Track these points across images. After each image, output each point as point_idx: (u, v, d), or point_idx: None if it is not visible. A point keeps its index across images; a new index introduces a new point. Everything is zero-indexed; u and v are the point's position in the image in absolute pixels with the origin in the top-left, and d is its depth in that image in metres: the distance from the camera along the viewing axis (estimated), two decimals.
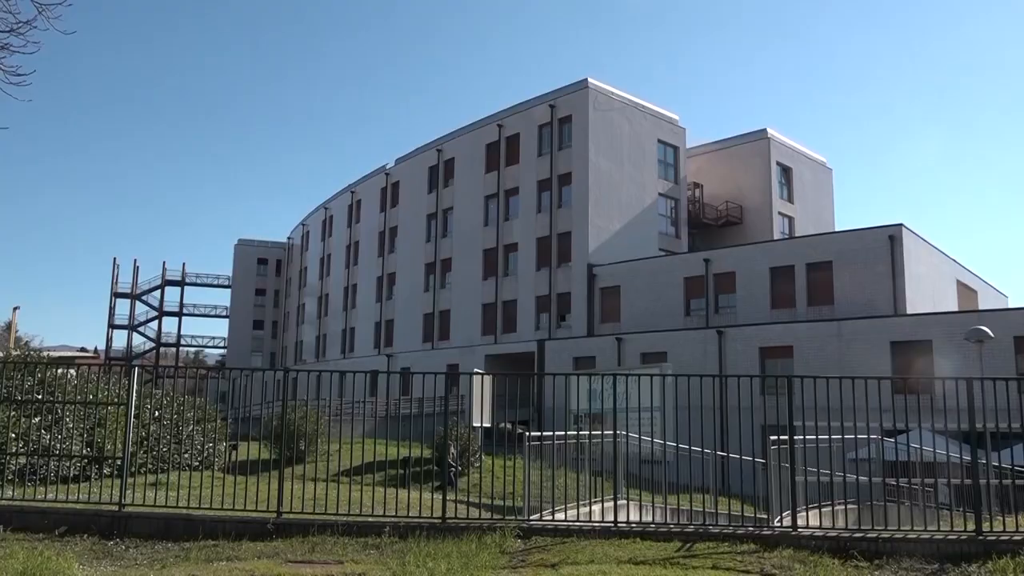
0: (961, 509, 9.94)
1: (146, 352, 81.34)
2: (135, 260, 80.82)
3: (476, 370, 19.02)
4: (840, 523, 12.78)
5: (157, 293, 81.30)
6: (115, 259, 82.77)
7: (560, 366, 38.54)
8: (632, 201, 45.77)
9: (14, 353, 15.97)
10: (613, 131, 45.64)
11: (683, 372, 14.07)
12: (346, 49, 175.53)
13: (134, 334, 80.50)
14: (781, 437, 10.36)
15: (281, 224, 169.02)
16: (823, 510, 12.92)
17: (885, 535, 9.16)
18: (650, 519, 12.25)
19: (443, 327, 51.40)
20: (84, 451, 12.95)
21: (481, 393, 15.88)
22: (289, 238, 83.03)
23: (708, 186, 52.49)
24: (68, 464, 12.61)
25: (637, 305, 41.07)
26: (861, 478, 13.30)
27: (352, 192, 65.02)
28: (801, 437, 10.24)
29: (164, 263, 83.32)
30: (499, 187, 49.01)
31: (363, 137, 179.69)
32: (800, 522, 9.94)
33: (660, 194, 47.24)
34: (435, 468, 16.13)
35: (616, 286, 42.16)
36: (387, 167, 60.71)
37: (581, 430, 11.30)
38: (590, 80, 45.35)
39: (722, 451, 14.11)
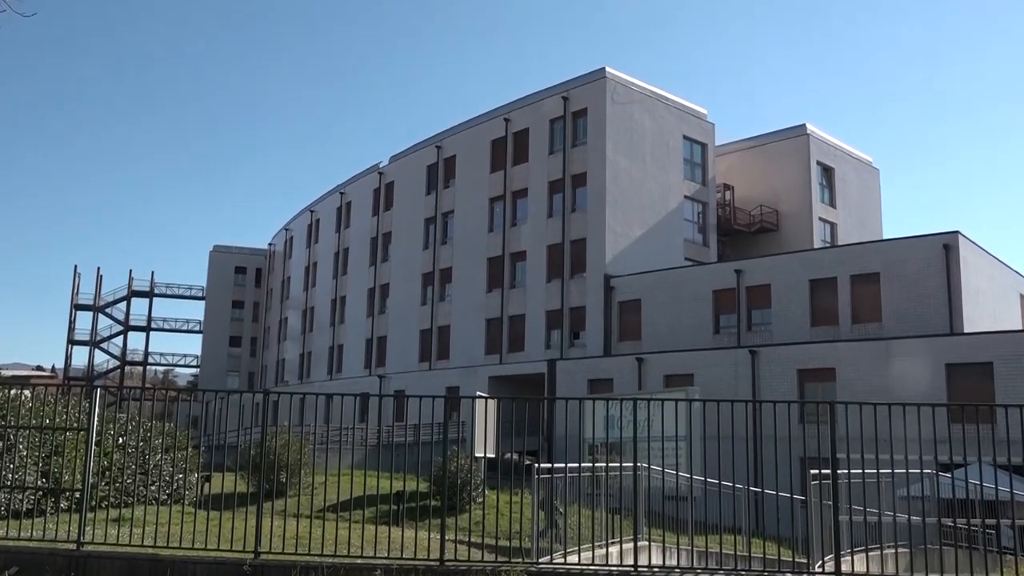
0: None
1: (110, 371, 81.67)
2: (98, 269, 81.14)
3: (479, 393, 19.23)
4: (890, 569, 12.70)
5: (122, 305, 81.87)
6: (76, 267, 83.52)
7: (573, 389, 38.63)
8: (654, 205, 45.91)
9: None
10: (633, 126, 45.81)
11: (712, 397, 14.01)
12: (334, 36, 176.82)
13: (96, 351, 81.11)
14: (823, 471, 10.30)
15: (261, 229, 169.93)
16: (870, 554, 12.86)
17: None
18: (674, 563, 12.22)
19: (442, 345, 51.52)
20: (39, 482, 12.94)
21: (484, 419, 15.89)
22: (270, 244, 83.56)
23: (740, 188, 52.59)
24: (21, 497, 12.60)
25: (660, 321, 41.12)
26: (913, 518, 13.10)
27: (341, 193, 65.34)
28: (845, 471, 10.18)
29: (131, 272, 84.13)
30: (505, 188, 49.17)
31: (354, 133, 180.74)
32: (844, 567, 9.88)
33: (686, 197, 47.43)
34: (433, 503, 16.00)
35: (636, 300, 42.27)
36: (380, 166, 60.99)
37: (597, 462, 11.26)
38: (608, 70, 45.62)
39: (756, 486, 14.06)
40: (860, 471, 10.50)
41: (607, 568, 9.82)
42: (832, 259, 37.70)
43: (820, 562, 10.37)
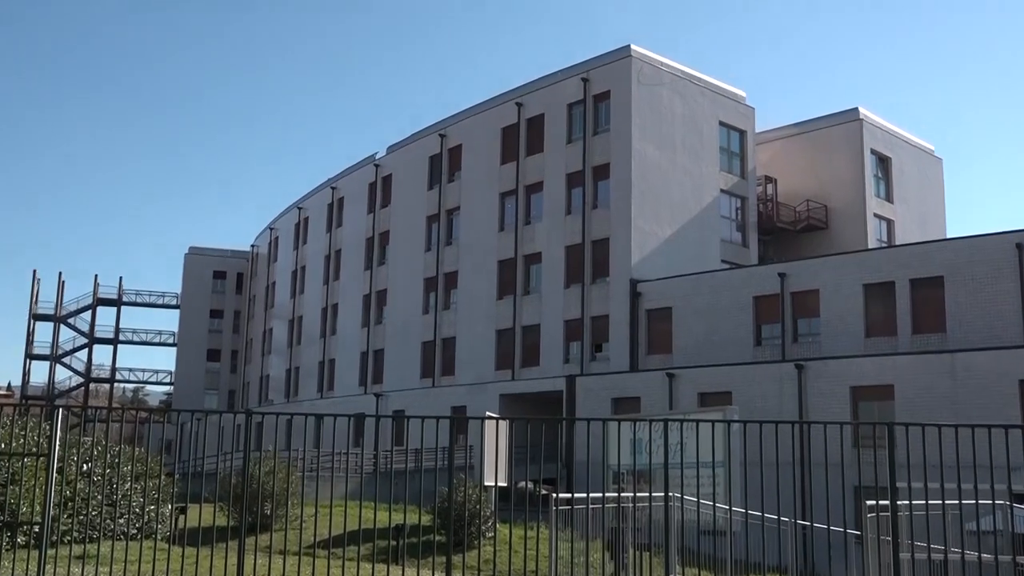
0: None
1: (73, 389, 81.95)
2: (60, 274, 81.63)
3: (488, 414, 19.28)
4: None
5: (87, 315, 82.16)
6: (35, 273, 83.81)
7: (595, 409, 38.62)
8: (687, 200, 45.90)
9: None
10: (663, 111, 45.88)
11: (753, 418, 13.93)
12: (324, 13, 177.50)
13: (58, 366, 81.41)
14: (880, 502, 10.23)
15: (243, 230, 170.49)
16: None
17: None
18: None
19: (447, 359, 51.53)
20: None
21: (495, 443, 15.90)
22: (253, 246, 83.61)
23: (784, 181, 52.57)
24: None
25: (693, 332, 41.14)
26: (984, 556, 12.91)
27: (333, 188, 65.54)
28: (906, 502, 10.11)
29: (96, 277, 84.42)
30: (518, 182, 49.25)
31: (346, 120, 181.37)
32: None
33: (722, 191, 47.43)
34: (437, 538, 15.99)
35: (667, 308, 42.30)
36: (377, 157, 61.16)
37: (623, 491, 11.21)
38: (633, 47, 45.72)
39: (804, 519, 13.97)
40: (923, 502, 10.42)
41: None
42: (889, 261, 37.61)
43: None
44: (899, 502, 9.88)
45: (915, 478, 9.68)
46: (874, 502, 10.35)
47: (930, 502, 10.42)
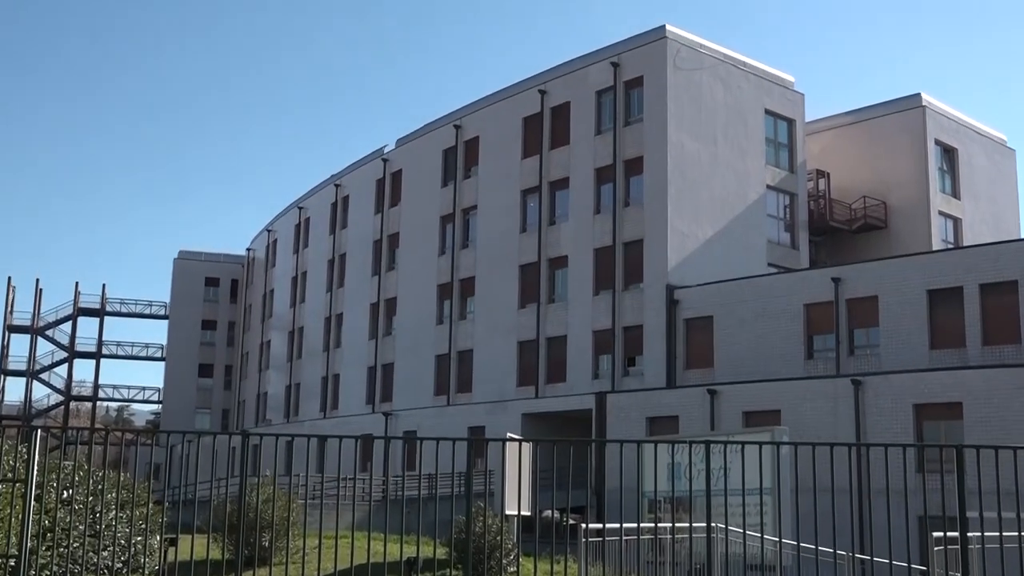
0: None
1: (52, 408, 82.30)
2: (37, 281, 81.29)
3: (510, 435, 19.11)
4: None
5: (67, 326, 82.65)
6: (9, 280, 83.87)
7: (628, 429, 38.60)
8: (729, 197, 45.91)
9: None
10: (702, 98, 45.92)
11: (804, 439, 13.87)
12: None
13: (35, 383, 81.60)
14: (948, 533, 10.13)
15: (238, 232, 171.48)
16: None
17: None
18: None
19: (463, 375, 51.60)
20: None
21: (518, 468, 15.94)
22: (249, 250, 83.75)
23: (837, 175, 52.41)
24: None
25: (737, 344, 41.07)
26: None
27: (337, 186, 65.71)
28: (977, 533, 10.01)
29: (77, 285, 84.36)
30: (541, 178, 49.30)
31: (350, 113, 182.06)
32: None
33: (769, 187, 47.41)
34: (453, 573, 16.05)
35: (707, 317, 42.28)
36: (385, 151, 61.31)
37: (659, 521, 11.20)
38: (668, 28, 45.74)
39: (863, 552, 13.91)
40: (996, 533, 10.22)
41: None
42: (956, 264, 37.37)
43: None
44: (969, 534, 9.73)
45: (987, 507, 9.63)
46: (941, 534, 10.24)
47: (1005, 534, 10.28)
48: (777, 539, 12.13)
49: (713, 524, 10.61)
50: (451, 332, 52.64)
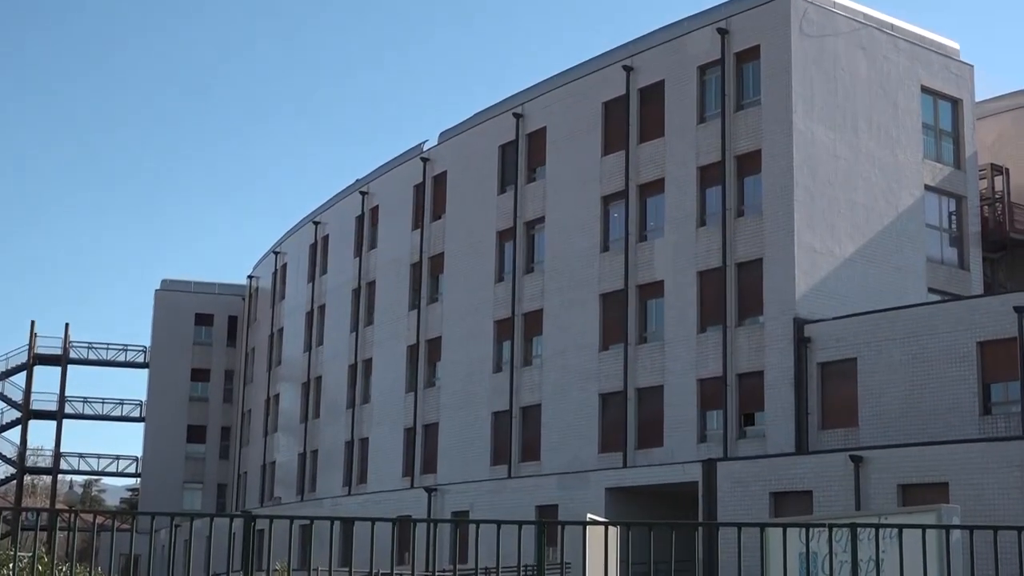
0: None
1: (2, 482, 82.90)
2: None
3: (591, 516, 18.97)
4: None
5: (20, 378, 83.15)
6: None
7: (746, 508, 38.22)
8: (876, 202, 45.45)
9: None
10: (838, 74, 45.47)
11: (981, 521, 13.60)
12: None
13: None
14: None
15: (238, 256, 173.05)
16: None
17: None
18: None
19: (528, 438, 51.42)
20: None
21: (604, 558, 15.73)
22: (251, 277, 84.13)
23: (1019, 172, 51.52)
24: None
25: (889, 395, 40.43)
26: None
27: (363, 194, 66.03)
28: None
29: (33, 325, 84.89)
30: (627, 180, 49.03)
31: (380, 99, 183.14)
32: None
33: (928, 188, 46.91)
34: None
35: (849, 360, 41.75)
36: (425, 148, 61.65)
37: None
38: None
39: None
40: None
41: None
42: None
43: None
44: None
45: None
46: None
47: None
48: None
49: None
50: (512, 383, 52.41)
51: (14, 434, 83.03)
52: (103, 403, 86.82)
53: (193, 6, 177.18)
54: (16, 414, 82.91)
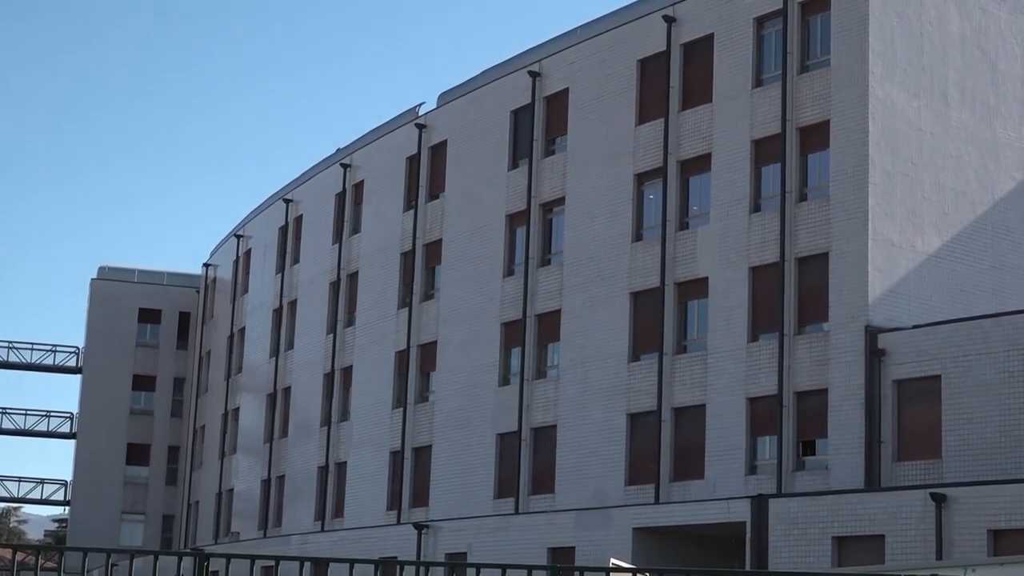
0: None
1: None
2: None
3: (614, 561, 20.95)
4: None
5: None
6: None
7: (803, 554, 37.63)
8: (969, 186, 44.32)
9: None
10: (923, 30, 44.02)
11: None
12: None
13: None
14: None
15: (191, 241, 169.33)
16: None
17: None
18: None
19: (541, 467, 50.46)
20: None
21: None
22: (208, 265, 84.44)
23: None
24: None
25: (980, 420, 39.20)
26: None
27: (345, 166, 65.12)
28: None
29: None
30: (666, 155, 47.30)
31: (368, 56, 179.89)
32: None
33: None
34: None
35: (932, 378, 40.47)
36: (421, 112, 60.45)
37: None
38: None
39: None
40: None
41: None
42: None
43: None
44: None
45: None
46: None
47: None
48: None
49: None
50: (522, 399, 50.94)
51: None
52: (25, 415, 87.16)
53: None
54: None
